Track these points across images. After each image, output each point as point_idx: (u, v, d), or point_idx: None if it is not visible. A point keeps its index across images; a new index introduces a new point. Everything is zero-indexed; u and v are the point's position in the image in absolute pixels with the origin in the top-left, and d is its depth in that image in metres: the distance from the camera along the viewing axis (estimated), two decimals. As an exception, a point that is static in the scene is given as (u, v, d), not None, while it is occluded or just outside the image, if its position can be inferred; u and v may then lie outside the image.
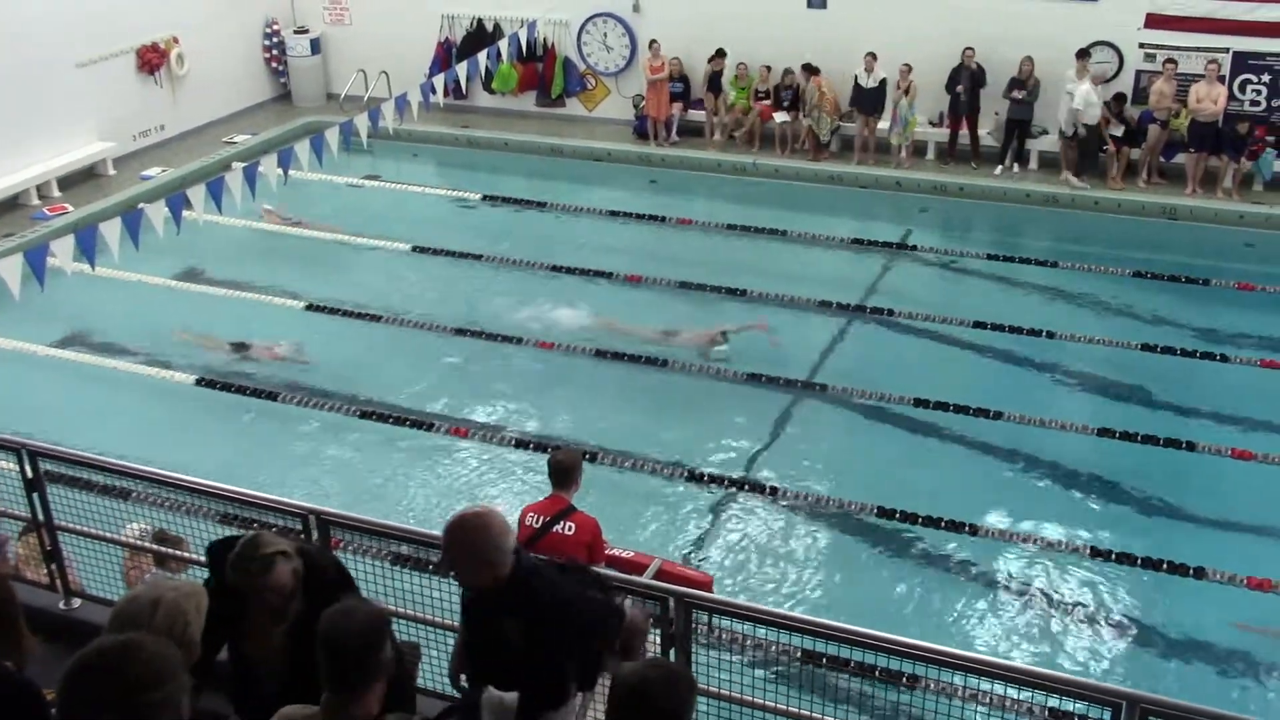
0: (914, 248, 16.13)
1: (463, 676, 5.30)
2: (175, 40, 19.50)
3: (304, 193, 16.89)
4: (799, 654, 7.73)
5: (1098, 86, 16.73)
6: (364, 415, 11.95)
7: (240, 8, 20.93)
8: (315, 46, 21.62)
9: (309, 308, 14.17)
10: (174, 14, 19.41)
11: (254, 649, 4.78)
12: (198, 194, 13.08)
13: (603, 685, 4.91)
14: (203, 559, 6.66)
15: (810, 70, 18.21)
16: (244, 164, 14.43)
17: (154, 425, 11.76)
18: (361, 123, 15.03)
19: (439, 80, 16.81)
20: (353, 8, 21.55)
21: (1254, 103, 17.15)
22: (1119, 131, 16.99)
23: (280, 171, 14.01)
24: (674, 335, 13.42)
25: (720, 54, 18.82)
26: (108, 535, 6.99)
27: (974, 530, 10.09)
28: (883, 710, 7.66)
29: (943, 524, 10.13)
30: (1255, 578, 9.39)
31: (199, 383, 12.50)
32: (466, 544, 4.54)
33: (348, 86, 21.16)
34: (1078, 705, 5.13)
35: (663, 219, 16.95)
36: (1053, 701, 6.34)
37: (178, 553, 7.09)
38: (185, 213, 13.01)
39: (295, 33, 21.60)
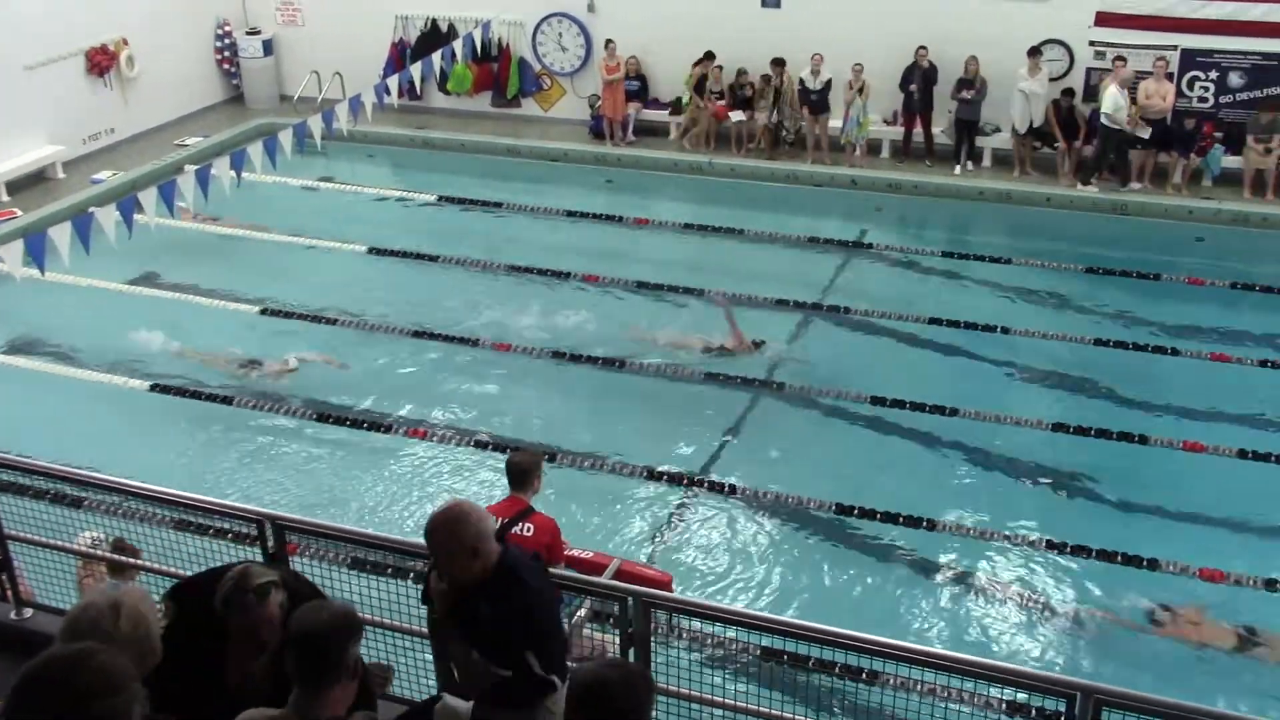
0: (870, 245, 16.22)
1: None
2: (125, 42, 19.28)
3: (258, 195, 16.75)
4: (759, 651, 7.75)
5: (1124, 90, 16.59)
6: (320, 418, 11.89)
7: (191, 9, 20.73)
8: (268, 48, 21.44)
9: (264, 311, 14.06)
10: (123, 15, 19.20)
11: (234, 677, 4.68)
12: (149, 197, 12.97)
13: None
14: (159, 566, 6.63)
15: (779, 64, 18.24)
16: (196, 167, 14.33)
17: (107, 432, 11.62)
18: (315, 124, 14.96)
19: (393, 81, 16.76)
20: (305, 8, 21.39)
21: (1201, 99, 17.38)
22: (1145, 134, 16.86)
23: (233, 174, 13.92)
24: (709, 343, 13.24)
25: (709, 56, 18.69)
26: (60, 544, 6.89)
27: (931, 525, 10.16)
28: (844, 706, 7.69)
29: (901, 520, 10.20)
30: (1207, 568, 9.52)
31: (153, 389, 12.36)
32: (451, 536, 4.54)
33: (301, 88, 21.01)
34: (1034, 697, 5.18)
35: (619, 219, 16.96)
36: (1010, 694, 6.40)
37: (134, 561, 7.01)
38: (137, 216, 12.90)
39: (247, 34, 21.41)
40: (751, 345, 13.16)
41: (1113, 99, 16.54)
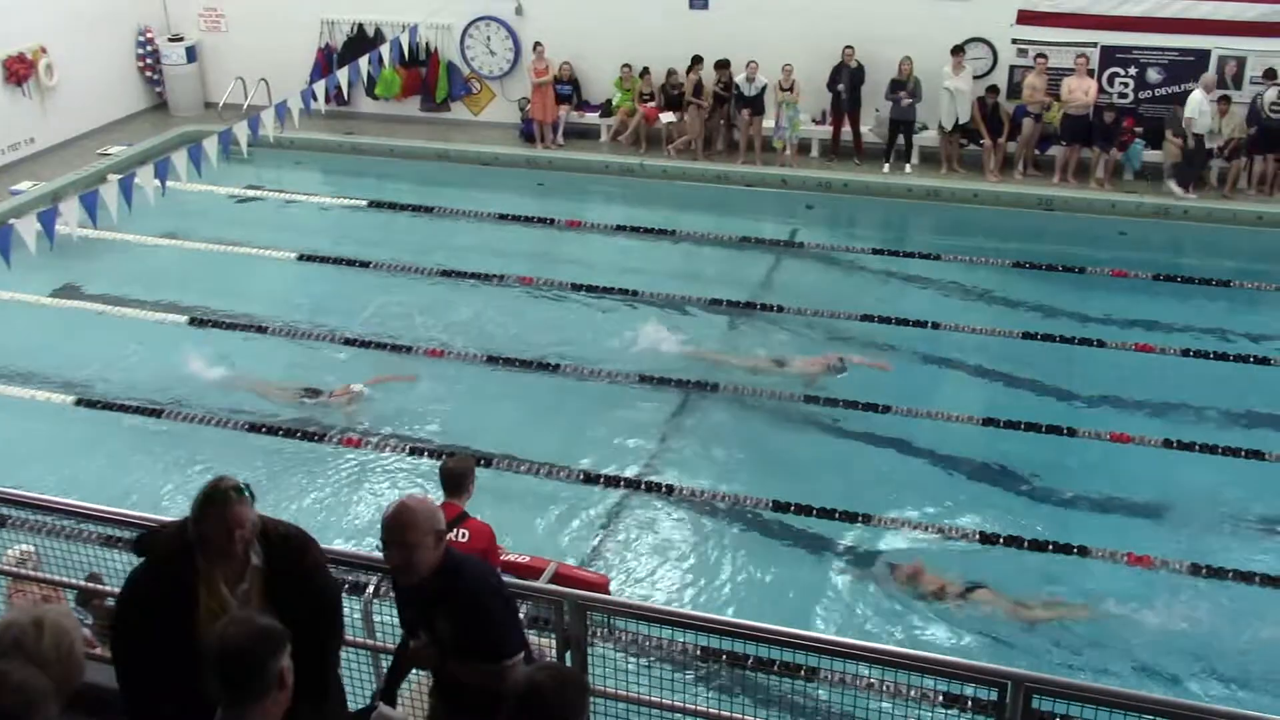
0: (801, 244, 16.35)
1: None
2: (43, 50, 18.92)
3: (183, 204, 16.50)
4: (699, 651, 7.77)
5: (1211, 95, 16.49)
6: (252, 429, 11.73)
7: (111, 16, 20.37)
8: (191, 54, 21.13)
9: (193, 321, 13.87)
10: (41, 23, 18.83)
11: (209, 625, 4.55)
12: (71, 208, 12.74)
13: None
14: (83, 582, 6.52)
15: (724, 66, 18.19)
16: (120, 176, 14.09)
17: (32, 447, 11.39)
18: (241, 131, 14.80)
19: (320, 87, 16.59)
20: (229, 14, 21.13)
21: (1122, 95, 17.71)
22: (1221, 141, 16.78)
23: (157, 183, 13.73)
24: (785, 364, 12.97)
25: (698, 61, 18.51)
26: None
27: (867, 520, 10.25)
28: (784, 704, 7.73)
29: (837, 515, 10.28)
30: (1135, 554, 9.70)
31: (78, 403, 12.14)
32: (400, 530, 4.58)
33: (226, 95, 20.74)
34: (967, 688, 5.24)
35: (551, 221, 16.94)
36: (944, 685, 6.47)
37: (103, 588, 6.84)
38: (59, 227, 12.66)
39: (170, 40, 21.09)
40: (839, 360, 12.87)
41: (1196, 104, 16.45)
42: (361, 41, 20.15)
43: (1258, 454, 11.04)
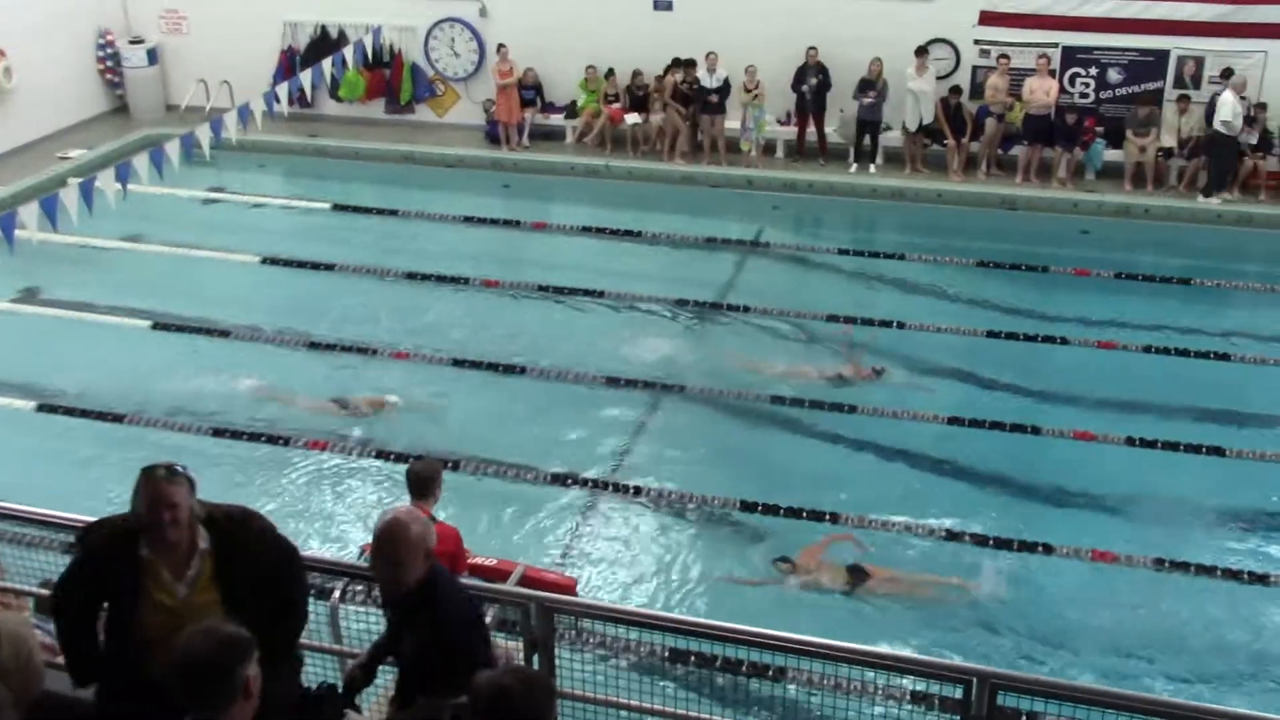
0: (767, 245, 16.40)
1: None
2: (1, 53, 18.71)
3: (145, 208, 16.36)
4: (667, 653, 7.77)
5: (1239, 97, 16.39)
6: (217, 433, 11.64)
7: (70, 19, 20.16)
8: (152, 57, 20.96)
9: (155, 326, 13.74)
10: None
11: (156, 613, 4.63)
12: (31, 212, 12.62)
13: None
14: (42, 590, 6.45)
15: (690, 65, 18.26)
16: (80, 180, 13.98)
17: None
18: (203, 134, 14.73)
19: (283, 89, 16.56)
20: (190, 16, 20.97)
21: (1083, 95, 17.87)
22: (1254, 139, 16.79)
23: (119, 186, 13.63)
24: (819, 373, 12.86)
25: (677, 63, 18.43)
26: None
27: (834, 519, 10.28)
28: (753, 704, 7.75)
29: (804, 514, 10.30)
30: (1099, 550, 9.78)
31: (39, 409, 12.01)
32: (390, 545, 4.58)
33: (188, 97, 20.60)
34: (932, 685, 5.27)
35: (517, 223, 16.90)
36: (910, 683, 6.50)
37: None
38: (18, 232, 12.53)
39: (130, 43, 20.91)
40: (872, 372, 12.80)
41: (1230, 106, 16.40)
42: (325, 43, 20.06)
43: (1218, 450, 11.15)
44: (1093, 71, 17.81)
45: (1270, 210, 16.67)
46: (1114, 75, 17.75)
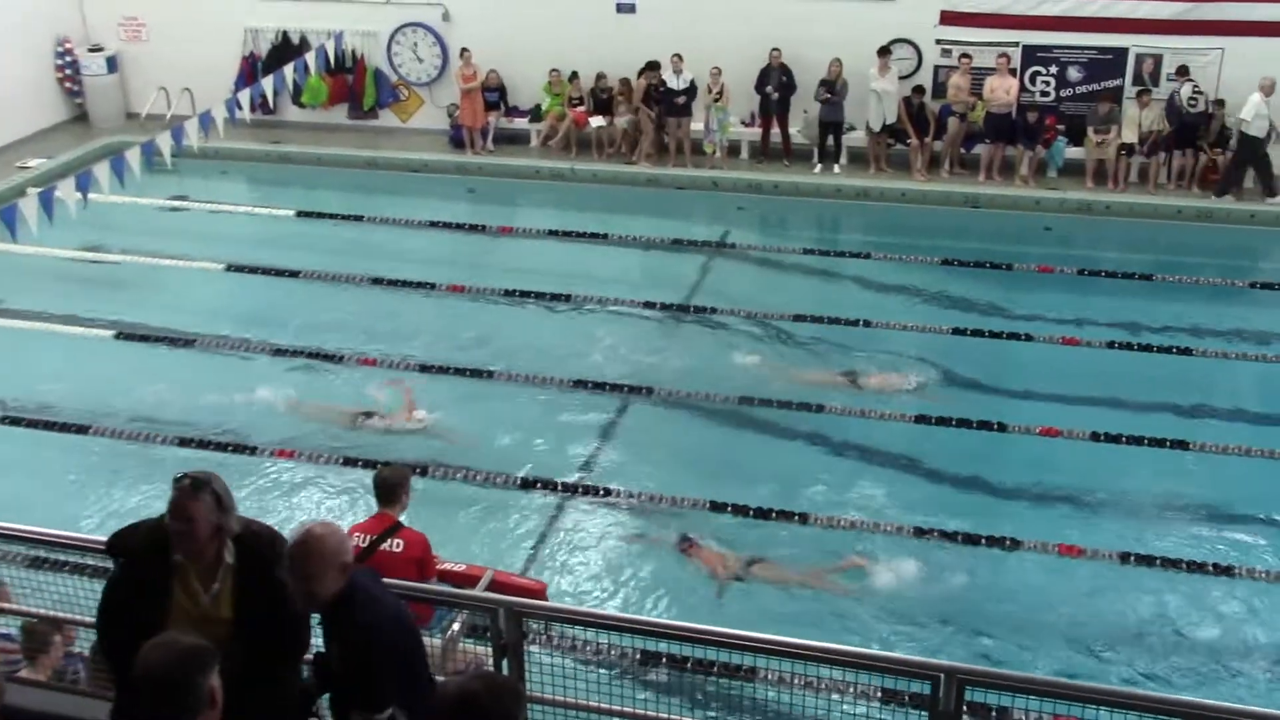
0: (733, 245, 16.45)
1: None
2: (-42, 62, 18.55)
3: (107, 216, 16.22)
4: (638, 655, 7.77)
5: (1266, 98, 16.28)
6: (183, 443, 11.54)
7: (27, 27, 19.99)
8: (112, 65, 20.80)
9: (119, 335, 13.63)
10: (-45, 35, 18.47)
11: (180, 622, 4.64)
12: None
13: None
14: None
15: (654, 67, 18.27)
16: (40, 189, 13.83)
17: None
18: (164, 142, 14.61)
19: (245, 96, 16.42)
20: (150, 24, 20.82)
21: (1044, 93, 18.02)
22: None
23: (79, 195, 13.50)
24: (859, 381, 12.71)
25: (653, 67, 18.38)
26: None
27: (804, 519, 10.31)
28: (726, 705, 7.75)
29: (773, 515, 10.33)
30: (1065, 544, 9.86)
31: (2, 421, 11.89)
32: (301, 560, 4.53)
33: (148, 105, 20.44)
34: (900, 682, 5.29)
35: (483, 228, 16.87)
36: (880, 681, 6.52)
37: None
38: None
39: (89, 51, 20.74)
40: (912, 381, 12.66)
41: (1255, 106, 16.39)
42: (286, 49, 19.95)
43: (1182, 444, 11.25)
44: (1053, 70, 17.96)
45: (1229, 205, 16.86)
46: (1074, 73, 17.90)
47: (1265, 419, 11.99)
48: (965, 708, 4.81)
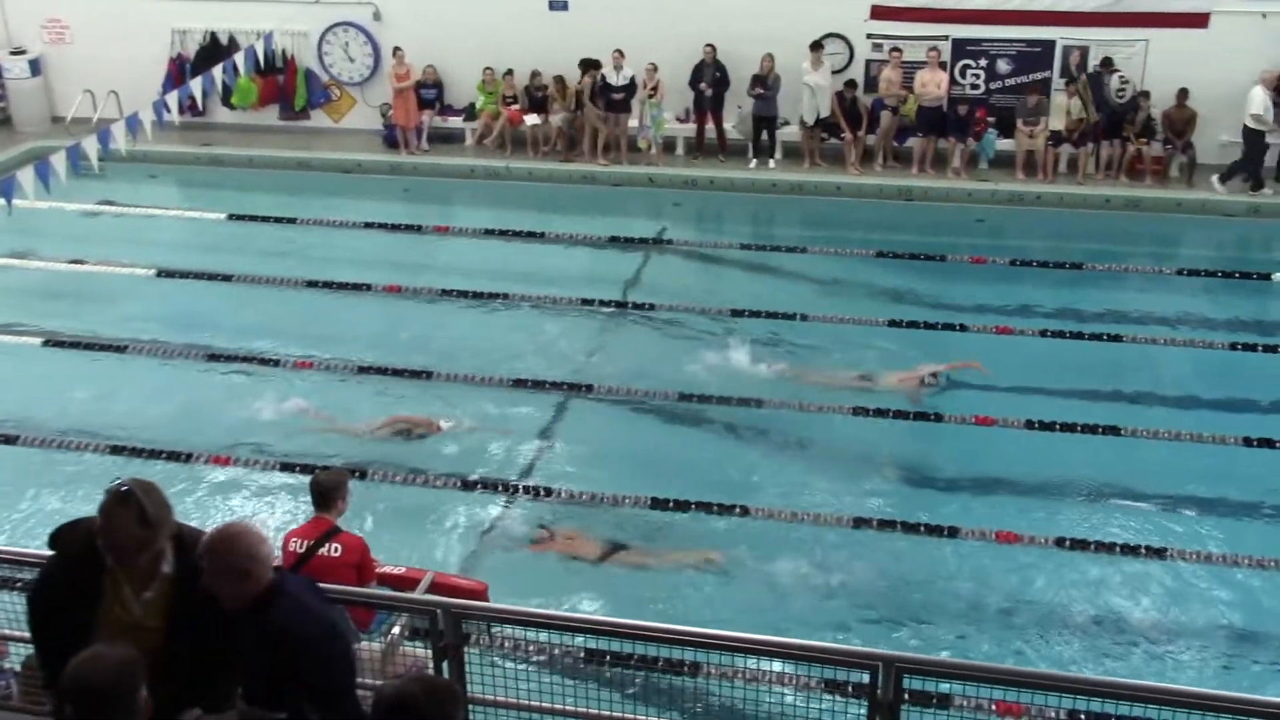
0: (670, 242, 16.47)
1: None
2: (-126, 67, 18.10)
3: (32, 222, 15.92)
4: (582, 654, 7.76)
5: (1270, 91, 16.25)
6: (114, 451, 11.36)
7: (-54, 30, 19.60)
8: (35, 68, 20.42)
9: (47, 343, 13.37)
10: None
11: (111, 626, 4.55)
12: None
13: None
14: None
15: (594, 65, 18.27)
16: (-39, 196, 13.54)
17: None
18: (90, 146, 14.36)
19: (173, 98, 16.18)
20: (74, 26, 20.45)
21: (974, 86, 18.23)
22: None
23: (3, 202, 13.24)
24: (874, 381, 12.58)
25: (594, 65, 18.32)
26: None
27: (745, 512, 10.34)
28: (671, 700, 7.77)
29: (714, 509, 10.35)
30: (1003, 531, 9.98)
31: (-74, 433, 11.64)
32: (212, 559, 4.45)
33: (74, 109, 20.07)
34: (840, 672, 5.32)
35: (419, 228, 16.75)
36: (820, 671, 6.56)
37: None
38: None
39: (11, 54, 20.35)
40: (931, 377, 12.55)
41: (1261, 100, 16.46)
42: (215, 50, 19.68)
43: (1114, 430, 11.43)
44: (982, 63, 18.17)
45: (1156, 194, 17.17)
46: (1003, 66, 18.13)
47: (1194, 403, 12.22)
48: (907, 696, 4.86)
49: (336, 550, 7.07)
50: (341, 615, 5.11)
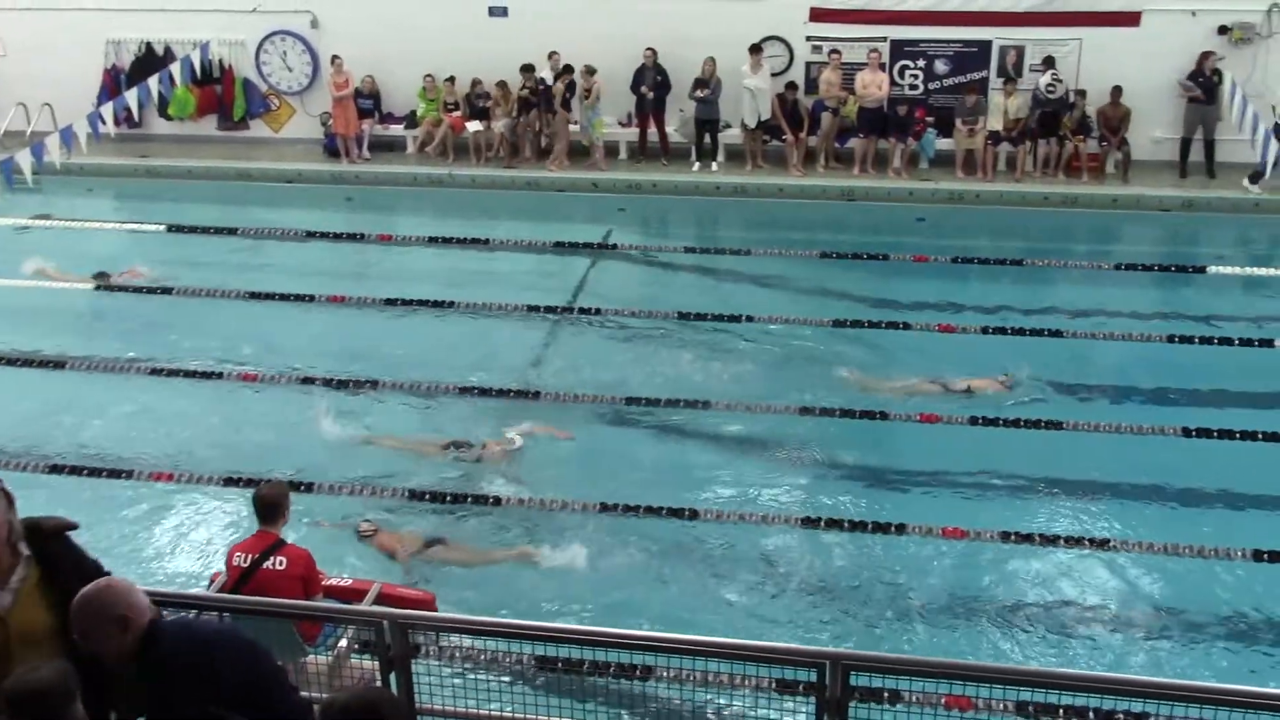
0: (615, 246, 16.48)
1: None
2: None
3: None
4: (533, 661, 7.72)
5: None
6: (54, 470, 11.16)
7: (-127, 43, 19.22)
8: (-34, 81, 20.09)
9: (-17, 360, 13.15)
10: None
11: None
12: None
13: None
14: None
15: (530, 69, 18.26)
16: (-109, 212, 13.31)
17: None
18: (24, 159, 14.19)
19: (108, 110, 16.00)
20: (6, 37, 20.19)
21: (913, 86, 18.40)
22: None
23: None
24: (949, 386, 12.43)
25: (526, 69, 18.32)
26: None
27: (693, 515, 10.35)
28: (624, 705, 7.75)
29: (663, 512, 10.35)
30: (949, 527, 10.06)
31: None
32: (84, 618, 4.35)
33: (6, 122, 19.78)
34: (788, 671, 5.35)
35: (362, 236, 16.65)
36: (769, 671, 6.57)
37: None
38: None
39: (-59, 67, 20.02)
40: (1006, 378, 12.48)
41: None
42: (151, 61, 19.49)
43: (1056, 424, 11.55)
44: (921, 63, 18.36)
45: (1093, 191, 17.42)
46: (941, 66, 18.33)
47: (1134, 395, 12.41)
48: (856, 693, 4.88)
49: (281, 563, 7.01)
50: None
